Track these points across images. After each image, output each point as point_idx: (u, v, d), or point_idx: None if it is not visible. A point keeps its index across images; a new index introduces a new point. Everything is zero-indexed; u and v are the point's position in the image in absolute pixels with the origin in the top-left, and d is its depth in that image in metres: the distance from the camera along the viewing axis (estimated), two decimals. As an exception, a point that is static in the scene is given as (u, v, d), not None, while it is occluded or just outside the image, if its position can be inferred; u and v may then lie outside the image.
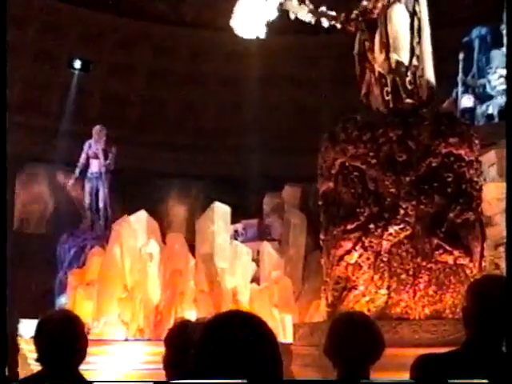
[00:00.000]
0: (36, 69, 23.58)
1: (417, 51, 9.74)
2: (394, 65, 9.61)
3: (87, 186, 21.26)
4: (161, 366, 4.08)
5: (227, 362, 2.00)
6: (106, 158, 21.12)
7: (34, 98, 23.76)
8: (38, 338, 3.89)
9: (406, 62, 9.63)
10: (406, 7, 9.73)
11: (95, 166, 21.24)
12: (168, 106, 25.56)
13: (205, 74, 25.17)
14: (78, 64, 23.69)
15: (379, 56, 9.80)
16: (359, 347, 3.83)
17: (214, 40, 24.76)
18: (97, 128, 21.25)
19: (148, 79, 25.09)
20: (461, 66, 20.89)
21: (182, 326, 4.09)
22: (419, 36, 9.77)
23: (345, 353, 3.84)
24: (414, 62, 9.70)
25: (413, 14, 9.74)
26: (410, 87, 9.59)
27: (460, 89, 20.68)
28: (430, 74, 9.81)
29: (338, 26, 10.11)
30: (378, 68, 9.83)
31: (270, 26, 10.48)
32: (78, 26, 23.89)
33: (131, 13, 24.17)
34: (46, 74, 23.86)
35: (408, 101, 9.58)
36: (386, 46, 9.72)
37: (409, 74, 9.62)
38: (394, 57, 9.60)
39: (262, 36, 10.58)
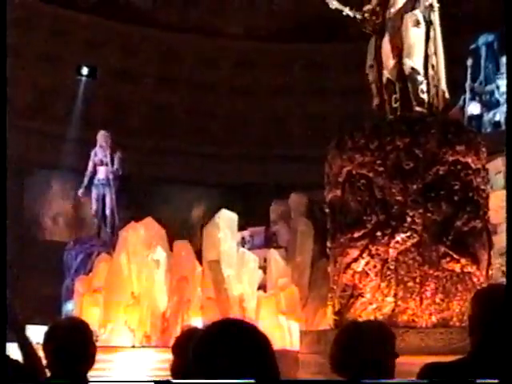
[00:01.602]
0: (43, 75, 23.65)
1: (433, 61, 9.73)
2: (407, 71, 9.60)
3: (94, 193, 21.27)
4: (167, 372, 4.08)
5: (222, 370, 2.01)
6: (112, 163, 21.15)
7: (42, 104, 23.83)
8: (47, 345, 3.90)
9: (420, 70, 9.62)
10: (424, 16, 9.73)
11: (102, 173, 21.26)
12: (175, 113, 25.60)
13: (212, 80, 25.20)
14: (85, 71, 23.76)
15: (389, 62, 9.78)
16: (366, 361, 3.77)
17: (220, 47, 24.83)
18: (101, 134, 21.26)
19: (155, 85, 25.14)
20: (469, 72, 20.87)
21: (190, 334, 4.09)
22: (435, 46, 9.77)
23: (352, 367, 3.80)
24: (430, 71, 9.69)
25: (429, 24, 9.74)
26: (422, 96, 9.57)
27: (468, 96, 20.66)
28: (444, 85, 9.82)
29: (358, 16, 10.12)
30: (386, 74, 9.82)
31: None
32: (85, 33, 23.96)
33: (137, 19, 24.23)
34: (54, 81, 23.92)
35: (418, 109, 9.56)
36: (399, 52, 9.72)
37: (423, 82, 9.61)
38: (408, 63, 9.58)
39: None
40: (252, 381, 1.99)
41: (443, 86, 9.82)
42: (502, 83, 20.37)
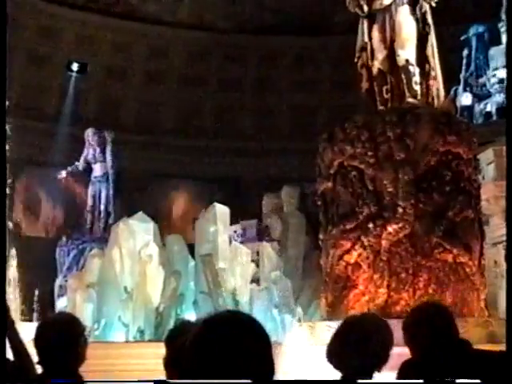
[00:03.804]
0: (33, 72, 23.56)
1: (431, 61, 9.75)
2: (401, 63, 9.60)
3: (90, 190, 21.27)
4: (161, 367, 4.06)
5: (219, 362, 2.00)
6: (105, 158, 21.17)
7: (32, 100, 23.73)
8: (38, 341, 3.89)
9: (413, 62, 9.63)
10: (415, 14, 9.75)
11: (98, 170, 21.27)
12: (166, 108, 25.55)
13: (203, 75, 25.17)
14: (75, 67, 23.68)
15: (380, 53, 9.78)
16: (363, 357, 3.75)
17: (209, 41, 24.77)
18: (88, 132, 21.27)
19: (145, 80, 25.08)
20: (464, 62, 20.90)
21: (183, 326, 4.08)
22: (431, 47, 9.80)
23: (350, 360, 3.79)
24: (432, 73, 9.71)
25: (424, 19, 9.76)
26: (415, 87, 9.57)
27: (461, 87, 20.70)
28: (442, 88, 9.86)
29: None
30: (377, 65, 9.81)
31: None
32: (75, 29, 23.87)
33: (126, 15, 24.15)
34: (44, 77, 23.84)
35: (410, 100, 9.57)
36: (391, 44, 9.71)
37: (416, 74, 9.61)
38: (402, 54, 9.58)
39: None
40: (249, 381, 1.97)
41: (441, 87, 9.88)
42: (493, 74, 20.41)
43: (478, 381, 2.97)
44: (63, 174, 21.52)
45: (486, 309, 9.22)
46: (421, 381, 3.36)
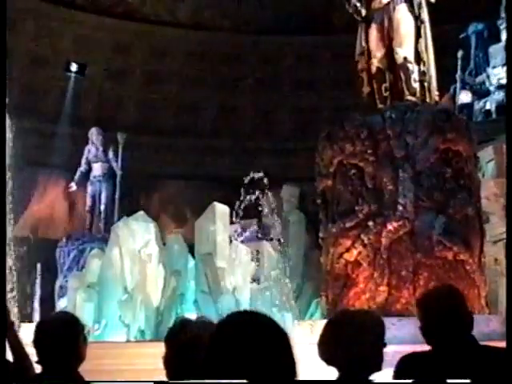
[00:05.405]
0: (32, 73, 23.54)
1: (424, 57, 9.77)
2: (400, 60, 9.62)
3: (90, 190, 21.23)
4: (162, 367, 4.05)
5: (238, 362, 1.98)
6: (107, 159, 21.17)
7: (31, 101, 23.71)
8: (38, 340, 3.88)
9: (412, 60, 9.64)
10: (414, 12, 9.77)
11: (97, 170, 21.24)
12: (165, 108, 25.53)
13: (201, 75, 25.15)
14: (74, 67, 23.65)
15: (378, 51, 9.80)
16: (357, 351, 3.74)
17: (209, 41, 24.76)
18: (92, 131, 21.24)
19: (144, 80, 25.06)
20: (459, 63, 20.89)
21: (182, 325, 4.07)
22: (425, 42, 9.81)
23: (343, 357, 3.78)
24: (422, 67, 9.72)
25: (419, 19, 9.78)
26: (414, 85, 9.59)
27: (458, 86, 20.68)
28: (434, 82, 9.87)
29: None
30: (376, 63, 9.83)
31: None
32: (73, 30, 23.85)
33: (125, 15, 24.13)
34: (43, 78, 23.82)
35: (409, 98, 9.58)
36: (390, 42, 9.74)
37: (415, 71, 9.63)
38: (400, 52, 9.60)
39: None
40: (245, 381, 1.96)
41: (434, 83, 9.88)
42: (492, 72, 20.39)
43: (468, 381, 2.99)
44: (73, 186, 21.49)
45: (486, 306, 9.22)
46: (419, 381, 3.37)
